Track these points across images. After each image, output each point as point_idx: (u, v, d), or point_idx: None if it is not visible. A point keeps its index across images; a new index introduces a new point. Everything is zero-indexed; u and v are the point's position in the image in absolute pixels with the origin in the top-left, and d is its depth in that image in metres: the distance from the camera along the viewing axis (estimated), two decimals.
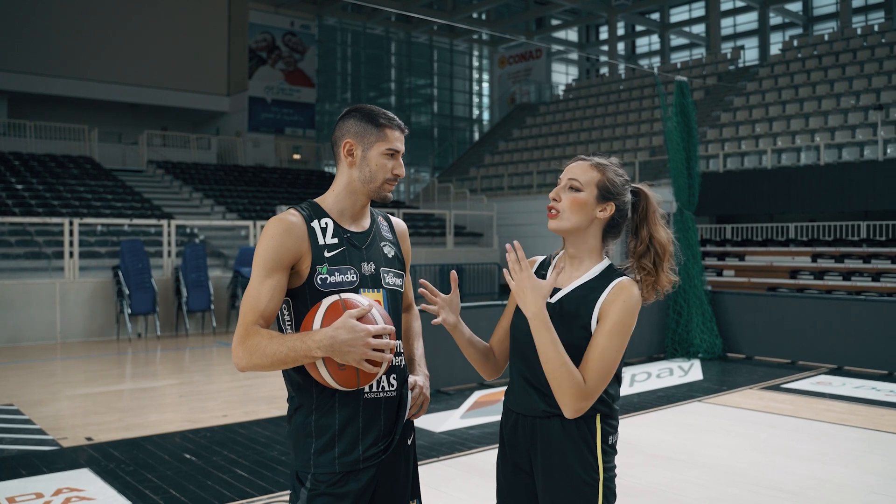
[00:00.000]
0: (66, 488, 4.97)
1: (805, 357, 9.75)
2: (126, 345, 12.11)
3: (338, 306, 2.04)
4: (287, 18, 29.46)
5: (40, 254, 13.65)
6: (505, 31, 33.52)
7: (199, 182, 21.92)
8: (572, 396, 2.03)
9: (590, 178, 2.20)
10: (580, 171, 2.21)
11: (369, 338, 1.97)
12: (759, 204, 17.20)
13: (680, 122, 10.55)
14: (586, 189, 2.18)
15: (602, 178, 2.20)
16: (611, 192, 2.20)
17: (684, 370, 9.36)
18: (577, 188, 2.19)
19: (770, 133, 19.35)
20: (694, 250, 10.56)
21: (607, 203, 2.20)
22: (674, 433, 6.39)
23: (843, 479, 5.07)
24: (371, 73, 33.05)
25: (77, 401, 8.01)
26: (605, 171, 2.21)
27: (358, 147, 2.24)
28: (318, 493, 2.12)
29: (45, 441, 6.23)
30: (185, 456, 5.75)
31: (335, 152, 2.28)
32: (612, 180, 2.21)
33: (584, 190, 2.18)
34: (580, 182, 2.19)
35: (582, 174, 2.20)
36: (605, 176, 2.20)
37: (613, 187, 2.21)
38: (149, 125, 26.72)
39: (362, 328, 1.96)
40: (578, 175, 2.20)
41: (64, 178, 19.43)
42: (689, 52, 35.10)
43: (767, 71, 23.25)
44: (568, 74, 37.88)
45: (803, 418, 6.84)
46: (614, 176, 2.22)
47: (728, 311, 10.47)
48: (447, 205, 23.49)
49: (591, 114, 27.25)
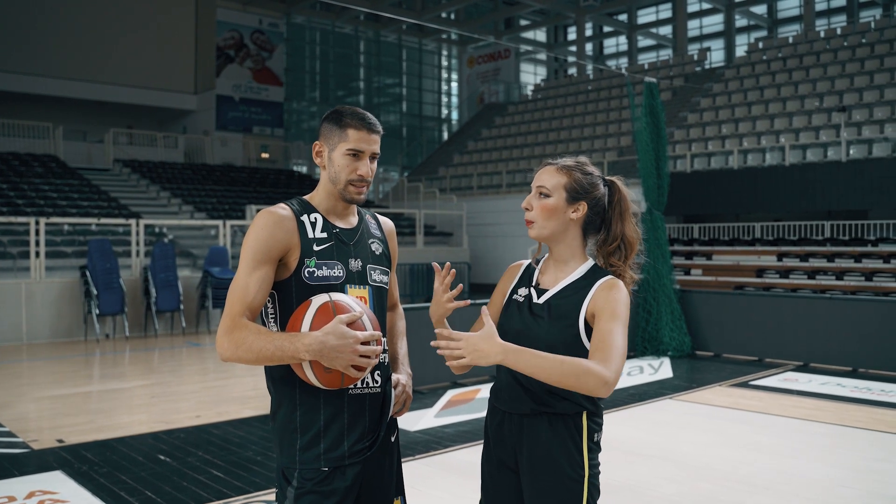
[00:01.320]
0: (39, 491, 4.92)
1: (772, 354, 9.92)
2: (94, 346, 11.96)
3: (328, 308, 2.05)
4: (255, 16, 29.27)
5: (5, 254, 13.43)
6: (474, 30, 33.60)
7: (167, 181, 21.70)
8: (598, 382, 1.95)
9: (556, 182, 2.24)
10: (547, 177, 2.26)
11: (358, 345, 1.98)
12: (726, 204, 17.44)
13: (649, 122, 10.67)
14: (554, 194, 2.23)
15: (568, 180, 2.24)
16: (579, 192, 2.24)
17: (654, 368, 9.48)
18: (546, 194, 2.24)
19: (736, 134, 19.63)
20: (663, 249, 10.68)
21: (578, 203, 2.24)
22: (646, 430, 6.47)
23: (811, 474, 5.18)
24: (340, 71, 32.94)
25: (46, 402, 7.90)
26: (571, 172, 2.26)
27: (325, 148, 2.27)
28: (306, 491, 2.13)
29: (15, 444, 6.15)
30: (159, 457, 5.71)
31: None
32: (579, 180, 2.25)
33: (553, 195, 2.23)
34: (547, 188, 2.24)
35: (549, 179, 2.25)
36: (571, 178, 2.25)
37: (581, 187, 2.25)
38: (115, 123, 26.35)
39: (352, 335, 1.98)
40: (545, 181, 2.25)
41: (28, 177, 19.11)
42: (656, 54, 35.45)
43: (733, 72, 23.57)
44: (536, 74, 38.05)
45: (772, 414, 6.96)
46: (581, 176, 2.26)
47: (696, 309, 10.62)
48: (417, 204, 23.49)
49: (559, 114, 27.42)
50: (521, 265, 2.40)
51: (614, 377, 1.99)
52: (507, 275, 2.40)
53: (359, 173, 2.23)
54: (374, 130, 2.26)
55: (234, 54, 28.79)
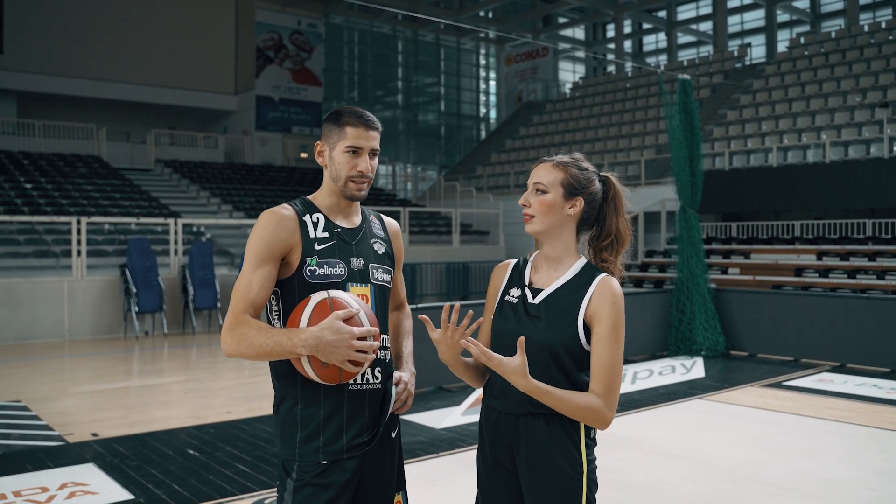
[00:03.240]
0: (70, 482, 5.06)
1: (808, 355, 9.77)
2: (133, 342, 12.22)
3: (325, 305, 2.09)
4: (294, 17, 29.55)
5: (48, 252, 13.77)
6: (512, 29, 33.54)
7: (207, 181, 22.03)
8: (597, 419, 2.15)
9: (553, 178, 2.26)
10: (544, 173, 2.28)
11: (353, 340, 2.03)
12: (765, 202, 17.18)
13: (683, 119, 10.58)
14: (552, 190, 2.25)
15: (565, 176, 2.26)
16: (576, 188, 2.26)
17: (687, 367, 9.40)
18: (543, 190, 2.26)
19: (776, 131, 19.32)
20: (697, 248, 10.57)
21: (575, 199, 2.26)
22: (671, 429, 6.43)
23: (838, 475, 5.11)
24: (378, 71, 33.10)
25: (83, 397, 8.10)
26: (567, 168, 2.27)
27: (325, 147, 2.32)
28: (304, 483, 2.18)
29: (52, 437, 6.32)
30: (188, 451, 5.83)
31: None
32: (576, 176, 2.27)
33: (550, 191, 2.25)
34: (545, 184, 2.26)
35: (545, 176, 2.27)
36: (567, 173, 2.26)
37: (578, 182, 2.26)
38: (157, 124, 26.84)
39: (347, 330, 2.02)
40: (542, 177, 2.27)
41: (72, 177, 19.56)
42: (696, 50, 35.02)
43: (774, 68, 23.20)
44: (575, 73, 37.86)
45: (803, 415, 6.87)
46: (577, 171, 2.28)
47: (731, 308, 10.50)
48: (453, 203, 23.53)
49: (597, 112, 27.24)
50: (509, 265, 2.40)
51: (613, 413, 2.19)
52: (495, 276, 2.39)
53: (358, 169, 2.27)
54: (372, 127, 2.30)
55: (273, 55, 29.09)
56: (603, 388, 2.14)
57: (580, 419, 2.15)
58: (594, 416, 2.13)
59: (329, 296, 2.13)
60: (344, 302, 2.11)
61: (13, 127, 23.23)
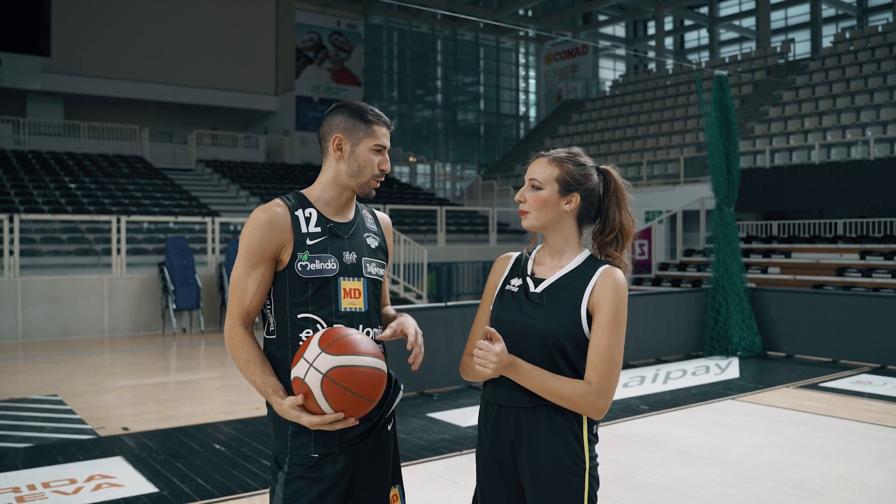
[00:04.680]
0: (98, 475, 5.15)
1: (847, 356, 9.55)
2: (171, 339, 12.41)
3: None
4: (333, 18, 29.75)
5: (90, 250, 14.05)
6: (551, 27, 33.36)
7: (246, 180, 22.30)
8: (589, 406, 2.13)
9: (548, 174, 2.24)
10: (539, 170, 2.26)
11: (317, 427, 2.09)
12: (807, 200, 16.84)
13: (719, 116, 10.41)
14: (546, 186, 2.23)
15: (560, 172, 2.24)
16: (571, 184, 2.24)
17: (721, 368, 9.25)
18: (538, 187, 2.24)
19: (819, 127, 18.94)
20: (733, 247, 10.40)
21: (571, 195, 2.24)
22: (701, 430, 6.34)
23: (867, 479, 4.99)
24: (417, 71, 33.18)
25: (118, 392, 8.25)
26: (562, 164, 2.25)
27: (347, 142, 2.30)
28: (295, 476, 2.18)
29: (84, 430, 6.45)
30: (214, 446, 5.90)
31: (323, 146, 2.34)
32: (571, 171, 2.24)
33: (545, 188, 2.23)
34: (539, 180, 2.24)
35: (541, 172, 2.25)
36: (563, 170, 2.24)
37: (573, 178, 2.24)
38: (200, 125, 27.26)
39: (307, 420, 2.08)
40: (537, 174, 2.25)
41: (115, 177, 19.94)
42: (738, 47, 34.49)
43: (818, 64, 22.74)
44: (615, 70, 37.53)
45: (837, 417, 6.72)
46: (573, 167, 2.25)
47: (769, 308, 10.30)
48: (491, 202, 23.48)
49: (637, 109, 26.98)
50: (511, 257, 2.39)
51: (608, 403, 2.16)
52: (497, 267, 2.38)
53: (381, 168, 2.32)
54: (390, 127, 2.36)
55: (313, 55, 29.34)
56: (597, 376, 2.13)
57: (571, 406, 2.12)
58: (586, 402, 2.11)
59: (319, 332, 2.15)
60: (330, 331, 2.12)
61: (60, 129, 23.78)
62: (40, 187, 17.86)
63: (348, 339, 2.08)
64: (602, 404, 2.13)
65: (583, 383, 2.13)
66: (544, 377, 2.12)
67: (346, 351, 2.05)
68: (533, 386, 2.13)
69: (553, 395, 2.11)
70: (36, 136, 23.02)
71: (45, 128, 23.54)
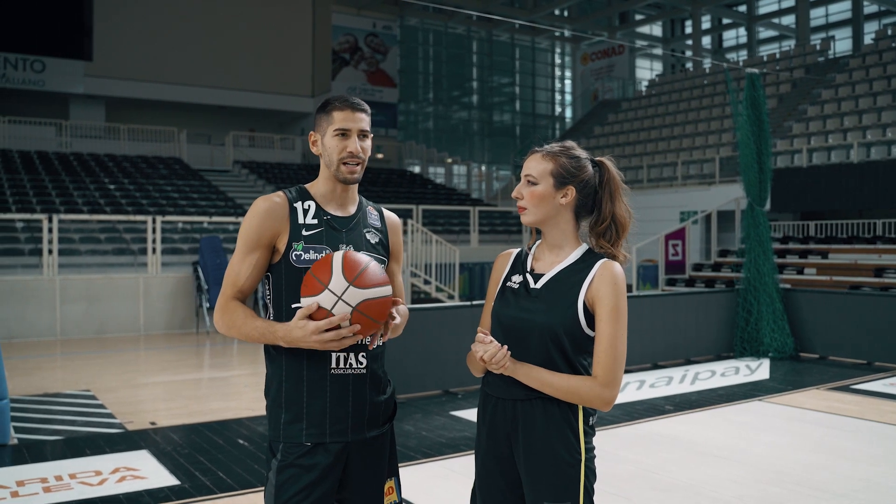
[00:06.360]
0: (122, 467, 5.26)
1: (882, 358, 9.37)
2: (204, 337, 12.58)
3: (327, 259, 2.16)
4: (369, 20, 29.95)
5: (126, 250, 14.32)
6: (587, 27, 33.19)
7: (282, 181, 22.52)
8: (595, 397, 2.15)
9: (543, 169, 2.25)
10: (533, 165, 2.27)
11: (317, 334, 2.08)
12: (845, 200, 16.54)
13: (751, 115, 10.29)
14: (542, 181, 2.25)
15: (554, 166, 2.25)
16: (566, 177, 2.25)
17: (751, 369, 9.14)
18: (534, 182, 2.26)
19: (859, 126, 18.59)
20: (765, 247, 10.26)
21: (566, 188, 2.25)
22: (724, 431, 6.27)
23: (893, 482, 4.90)
24: (453, 72, 33.21)
25: (148, 388, 8.40)
26: (556, 158, 2.26)
27: (318, 135, 2.38)
28: (287, 464, 2.22)
29: (113, 424, 6.59)
30: (238, 441, 5.98)
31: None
32: (565, 165, 2.25)
33: (540, 183, 2.25)
34: (534, 175, 2.26)
35: (535, 167, 2.27)
36: (557, 163, 2.25)
37: (567, 171, 2.25)
38: (237, 126, 27.62)
39: (313, 326, 2.08)
40: (532, 169, 2.27)
41: (153, 178, 20.30)
42: (777, 45, 33.97)
43: (859, 61, 22.32)
44: (652, 70, 37.20)
45: (866, 420, 6.60)
46: (567, 160, 2.26)
47: (802, 309, 10.15)
48: None
49: (673, 109, 26.72)
50: (511, 253, 2.41)
51: (615, 394, 2.17)
52: (498, 264, 2.40)
53: (348, 150, 2.31)
54: (359, 109, 2.33)
55: (349, 57, 29.56)
56: (602, 368, 2.15)
57: (578, 399, 2.15)
58: (593, 394, 2.14)
59: (339, 252, 2.18)
60: (352, 261, 2.14)
61: (101, 131, 24.30)
62: (80, 188, 18.24)
63: (368, 270, 2.14)
64: (609, 395, 2.15)
65: (587, 377, 2.17)
66: (548, 375, 2.16)
67: (371, 283, 2.12)
68: (539, 385, 2.15)
69: (559, 390, 2.14)
70: (78, 139, 23.54)
71: (87, 130, 24.07)
